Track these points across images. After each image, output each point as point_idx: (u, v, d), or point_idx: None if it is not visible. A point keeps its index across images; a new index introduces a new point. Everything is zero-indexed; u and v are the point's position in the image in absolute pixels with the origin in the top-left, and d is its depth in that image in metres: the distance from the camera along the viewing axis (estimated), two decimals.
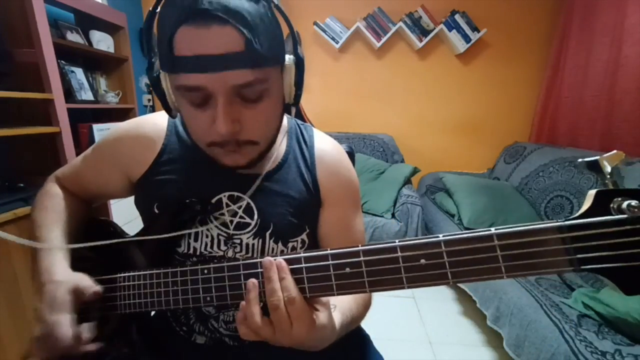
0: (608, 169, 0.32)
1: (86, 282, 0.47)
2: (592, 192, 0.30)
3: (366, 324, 0.66)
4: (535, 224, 0.31)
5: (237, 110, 0.42)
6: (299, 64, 0.45)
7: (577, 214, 0.31)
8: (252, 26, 0.37)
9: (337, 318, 0.45)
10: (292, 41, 0.45)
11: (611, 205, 0.29)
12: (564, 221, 0.30)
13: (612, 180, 0.31)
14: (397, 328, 1.54)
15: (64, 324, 0.43)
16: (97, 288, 0.48)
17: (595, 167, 0.33)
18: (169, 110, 0.47)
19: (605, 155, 0.33)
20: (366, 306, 0.56)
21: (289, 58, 0.45)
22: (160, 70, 0.43)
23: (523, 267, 0.31)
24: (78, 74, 1.67)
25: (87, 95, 1.70)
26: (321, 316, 0.38)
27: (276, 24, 0.41)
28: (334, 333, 0.42)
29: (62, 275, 0.47)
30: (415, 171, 2.17)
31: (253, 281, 0.39)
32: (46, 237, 0.51)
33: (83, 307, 0.47)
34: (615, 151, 0.33)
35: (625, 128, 1.68)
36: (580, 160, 0.34)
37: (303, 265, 0.38)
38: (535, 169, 1.94)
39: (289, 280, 0.37)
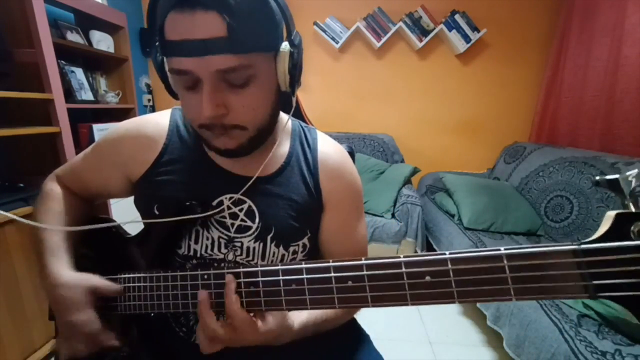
0: (629, 188, 0.29)
1: (103, 282, 0.49)
2: (611, 214, 0.28)
3: (366, 324, 0.66)
4: (549, 245, 0.30)
5: (222, 95, 0.42)
6: (294, 50, 0.44)
7: (594, 237, 0.29)
8: (237, 12, 0.38)
9: (303, 317, 0.47)
10: (286, 28, 0.45)
11: (632, 229, 0.27)
12: (579, 244, 0.29)
13: (633, 200, 0.29)
14: (397, 328, 1.54)
15: (91, 321, 0.45)
16: (118, 286, 0.49)
17: (614, 186, 0.30)
18: (172, 93, 0.49)
19: (627, 173, 0.30)
20: (349, 309, 0.57)
21: (284, 45, 0.45)
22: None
23: (533, 290, 0.30)
24: (78, 74, 1.67)
25: (87, 95, 1.70)
26: (269, 321, 0.42)
27: (268, 11, 0.41)
28: (291, 332, 0.45)
29: (71, 277, 0.48)
30: (415, 171, 2.17)
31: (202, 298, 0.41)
32: (48, 240, 0.52)
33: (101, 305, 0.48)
34: (636, 170, 0.30)
35: (625, 128, 1.67)
36: (598, 177, 0.32)
37: (305, 276, 0.38)
38: (535, 169, 1.94)
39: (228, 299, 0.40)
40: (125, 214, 1.58)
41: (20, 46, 1.25)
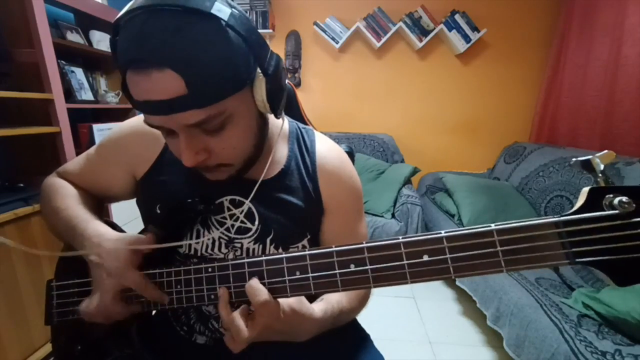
0: (600, 167, 0.34)
1: (138, 237, 0.47)
2: (585, 190, 0.32)
3: (366, 324, 0.66)
4: (533, 219, 0.32)
5: (200, 141, 0.42)
6: (269, 77, 0.41)
7: (572, 210, 0.32)
8: (193, 67, 0.36)
9: (321, 307, 0.47)
10: (256, 56, 0.41)
11: (603, 202, 0.31)
12: (560, 217, 0.32)
13: (604, 178, 0.33)
14: (397, 328, 1.54)
15: (132, 270, 0.44)
16: (149, 237, 0.48)
17: (588, 166, 0.35)
18: None
19: (597, 155, 0.35)
20: (361, 299, 0.57)
21: (257, 73, 0.42)
22: None
23: (521, 261, 0.32)
24: (78, 74, 1.66)
25: (87, 95, 1.70)
26: (287, 302, 0.42)
27: (228, 52, 0.38)
28: (312, 319, 0.44)
29: (113, 233, 0.47)
30: (415, 171, 2.17)
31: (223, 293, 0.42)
32: (77, 214, 0.51)
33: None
34: (606, 151, 0.35)
35: (625, 128, 1.68)
36: (574, 159, 0.36)
37: (308, 262, 0.39)
38: (535, 169, 1.94)
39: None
40: (125, 214, 1.58)
41: (20, 46, 1.25)
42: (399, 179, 2.09)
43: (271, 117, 0.53)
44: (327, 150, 0.58)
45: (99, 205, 0.62)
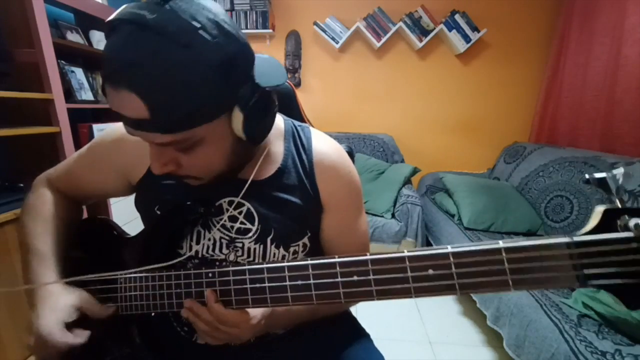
0: (616, 186, 0.32)
1: (95, 307, 0.49)
2: (600, 209, 0.31)
3: (366, 324, 0.66)
4: (543, 238, 0.31)
5: (170, 154, 0.42)
6: (247, 110, 0.40)
7: (584, 230, 0.31)
8: (158, 93, 0.35)
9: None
10: (232, 89, 0.39)
11: (618, 223, 0.30)
12: (572, 237, 0.31)
13: (619, 197, 0.32)
14: (397, 328, 1.54)
15: (61, 340, 0.44)
16: (105, 310, 0.49)
17: (603, 184, 0.33)
18: None
19: (613, 172, 0.33)
20: None
21: (235, 108, 0.40)
22: None
23: (530, 281, 0.31)
24: (78, 74, 1.66)
25: (87, 95, 1.70)
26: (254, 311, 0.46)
27: (206, 78, 0.36)
28: (280, 311, 0.49)
29: (57, 290, 0.48)
30: (415, 171, 2.17)
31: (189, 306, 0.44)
32: (37, 247, 0.52)
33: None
34: (622, 169, 0.33)
35: (625, 128, 1.67)
36: (588, 176, 0.34)
37: (310, 272, 0.38)
38: (535, 169, 1.94)
39: (215, 311, 0.43)
40: (125, 214, 1.58)
41: (20, 46, 1.25)
42: (399, 179, 2.09)
43: None
44: (323, 146, 0.57)
45: (81, 211, 0.64)
